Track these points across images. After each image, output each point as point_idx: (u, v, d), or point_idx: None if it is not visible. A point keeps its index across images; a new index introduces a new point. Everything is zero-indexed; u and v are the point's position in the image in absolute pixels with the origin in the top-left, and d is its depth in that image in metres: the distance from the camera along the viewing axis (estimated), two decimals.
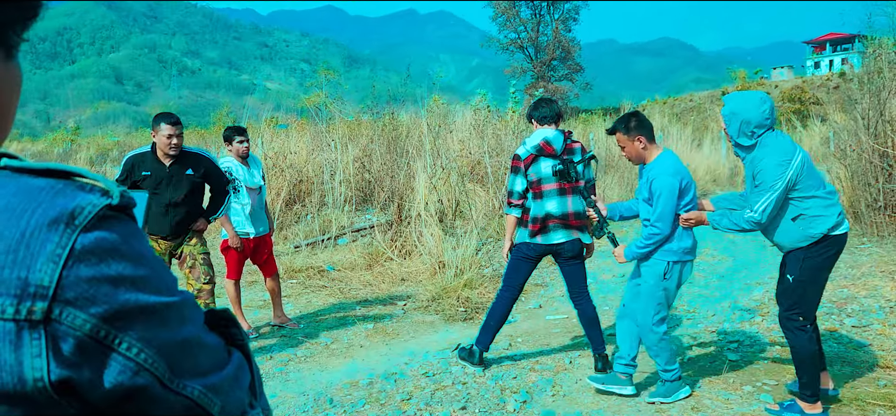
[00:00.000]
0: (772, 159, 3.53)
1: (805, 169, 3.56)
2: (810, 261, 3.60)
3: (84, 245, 0.61)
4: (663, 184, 3.78)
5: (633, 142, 3.90)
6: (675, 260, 3.87)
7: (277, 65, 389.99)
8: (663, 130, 19.55)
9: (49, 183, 0.63)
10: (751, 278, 7.06)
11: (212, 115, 46.37)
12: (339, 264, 8.24)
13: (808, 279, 3.62)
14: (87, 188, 0.64)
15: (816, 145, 23.35)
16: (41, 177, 0.64)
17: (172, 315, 0.67)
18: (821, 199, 3.58)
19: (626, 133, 3.92)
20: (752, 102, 3.61)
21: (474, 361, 4.66)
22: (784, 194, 3.54)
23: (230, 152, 5.51)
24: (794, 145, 3.60)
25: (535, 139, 4.49)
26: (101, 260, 0.62)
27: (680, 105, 48.32)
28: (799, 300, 3.67)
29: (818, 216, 3.57)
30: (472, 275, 6.98)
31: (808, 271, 3.61)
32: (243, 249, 5.49)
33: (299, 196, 11.66)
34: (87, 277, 0.61)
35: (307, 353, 5.20)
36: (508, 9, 57.82)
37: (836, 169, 9.63)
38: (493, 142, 11.85)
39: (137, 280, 0.64)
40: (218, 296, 6.78)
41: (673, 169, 3.80)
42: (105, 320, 0.62)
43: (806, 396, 3.69)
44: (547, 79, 56.95)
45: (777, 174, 3.50)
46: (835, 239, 3.61)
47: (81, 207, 0.62)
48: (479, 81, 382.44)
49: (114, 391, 0.63)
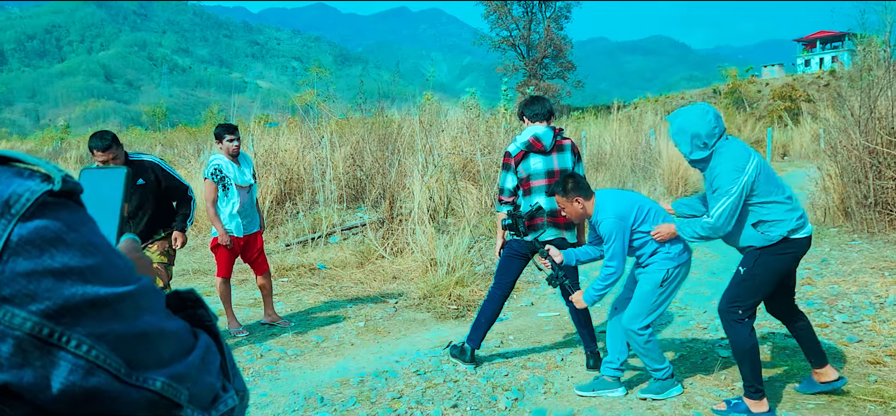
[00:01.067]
0: (726, 165, 3.55)
1: (762, 174, 3.57)
2: (766, 257, 3.60)
3: (21, 236, 0.57)
4: (609, 227, 3.84)
5: (572, 203, 3.96)
6: (675, 265, 3.88)
7: (269, 63, 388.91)
8: (655, 128, 19.58)
9: None
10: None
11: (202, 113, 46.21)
12: (330, 262, 8.21)
13: (759, 275, 3.61)
14: (25, 175, 0.60)
15: (807, 143, 23.49)
16: None
17: (127, 306, 0.62)
18: (780, 203, 3.58)
19: (564, 195, 3.97)
20: (696, 114, 3.64)
21: (466, 359, 4.64)
22: (740, 199, 3.53)
23: (220, 150, 5.47)
24: (749, 151, 3.63)
25: (526, 136, 4.48)
26: (41, 251, 0.57)
27: (671, 103, 48.45)
28: (744, 294, 3.66)
29: (778, 221, 3.57)
30: (464, 273, 6.95)
31: (762, 266, 3.60)
32: (232, 246, 5.45)
33: (290, 194, 11.61)
34: (25, 271, 0.56)
35: (298, 351, 5.17)
36: (500, 7, 57.83)
37: (826, 166, 9.66)
38: (485, 139, 11.84)
39: (86, 271, 0.59)
40: (207, 294, 6.74)
41: (613, 211, 3.85)
42: (49, 317, 0.57)
43: (751, 393, 3.69)
44: (539, 77, 56.99)
45: (732, 179, 3.51)
46: (795, 242, 3.60)
47: (18, 193, 0.58)
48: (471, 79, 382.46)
49: (66, 393, 0.58)
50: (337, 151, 12.03)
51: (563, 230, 4.46)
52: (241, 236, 5.52)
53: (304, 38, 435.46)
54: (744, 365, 3.68)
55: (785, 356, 4.63)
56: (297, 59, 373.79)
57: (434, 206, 9.52)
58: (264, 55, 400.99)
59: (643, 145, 17.02)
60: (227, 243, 5.39)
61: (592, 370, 4.50)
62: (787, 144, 25.40)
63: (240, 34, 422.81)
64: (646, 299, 3.93)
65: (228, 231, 5.44)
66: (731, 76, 46.05)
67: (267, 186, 11.00)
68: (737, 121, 29.73)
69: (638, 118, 24.40)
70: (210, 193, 5.36)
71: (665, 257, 3.88)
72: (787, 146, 25.23)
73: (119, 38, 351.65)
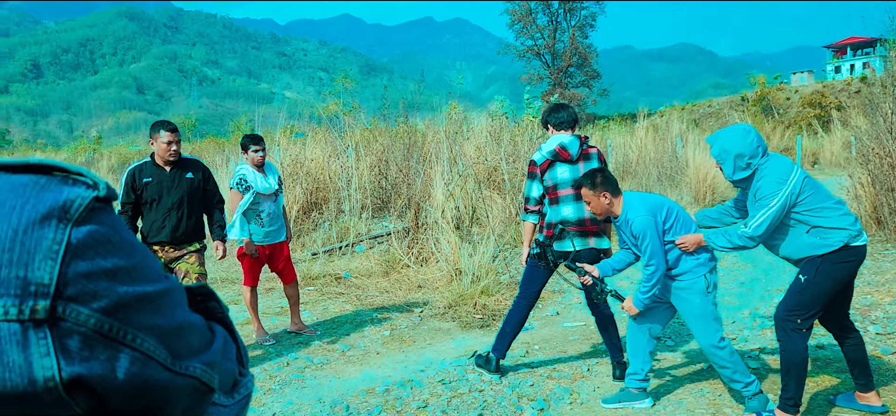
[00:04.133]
0: (771, 178, 3.54)
1: (806, 185, 3.55)
2: (828, 266, 3.55)
3: (79, 239, 0.60)
4: (641, 224, 3.77)
5: (599, 198, 3.89)
6: (709, 270, 3.82)
7: (296, 73, 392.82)
8: (681, 135, 19.40)
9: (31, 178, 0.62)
10: (771, 284, 6.96)
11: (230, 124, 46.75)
12: (355, 271, 8.25)
13: (820, 283, 3.56)
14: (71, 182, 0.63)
15: (838, 150, 23.10)
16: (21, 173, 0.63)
17: (165, 301, 0.66)
18: (832, 209, 3.56)
19: (592, 189, 3.90)
20: (738, 135, 3.63)
21: (491, 368, 4.63)
22: (782, 211, 3.51)
23: (246, 160, 5.54)
24: (793, 165, 3.63)
25: (551, 144, 4.47)
26: (96, 253, 0.61)
27: (698, 111, 48.00)
28: (804, 303, 3.60)
29: (834, 228, 3.54)
30: (489, 282, 6.95)
31: (824, 274, 3.55)
32: (257, 255, 5.51)
33: (316, 203, 11.70)
34: (85, 271, 0.60)
35: (324, 360, 5.20)
36: (525, 16, 57.89)
37: (858, 174, 9.49)
38: (509, 148, 11.83)
39: (131, 271, 0.63)
40: (234, 303, 6.81)
41: (643, 208, 3.79)
42: (108, 314, 0.61)
43: (788, 406, 3.62)
44: (564, 85, 56.87)
45: (775, 190, 3.50)
46: (855, 250, 3.56)
47: (71, 200, 0.61)
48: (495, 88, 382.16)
49: (128, 383, 0.63)
50: (362, 160, 12.11)
51: (591, 238, 4.43)
52: (266, 245, 5.58)
53: (330, 49, 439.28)
54: (790, 376, 3.61)
55: (813, 369, 4.55)
56: (324, 69, 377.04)
57: (459, 215, 9.53)
58: (291, 66, 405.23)
59: (670, 154, 16.89)
60: (253, 252, 5.45)
61: (618, 380, 4.46)
62: (817, 151, 25.02)
63: (267, 45, 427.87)
64: (703, 311, 3.81)
65: (254, 240, 5.50)
66: (759, 83, 45.44)
67: (293, 196, 11.10)
68: (766, 129, 29.30)
69: (664, 126, 24.22)
70: (236, 202, 5.43)
71: (698, 265, 3.80)
72: (817, 154, 24.84)
73: (150, 51, 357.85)
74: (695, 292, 3.81)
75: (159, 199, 4.86)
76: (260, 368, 5.04)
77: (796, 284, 3.66)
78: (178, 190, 4.88)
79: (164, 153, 4.85)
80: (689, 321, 3.88)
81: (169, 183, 4.87)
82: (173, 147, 4.86)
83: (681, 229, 3.82)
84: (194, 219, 4.99)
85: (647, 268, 3.80)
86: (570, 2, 57.72)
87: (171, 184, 4.87)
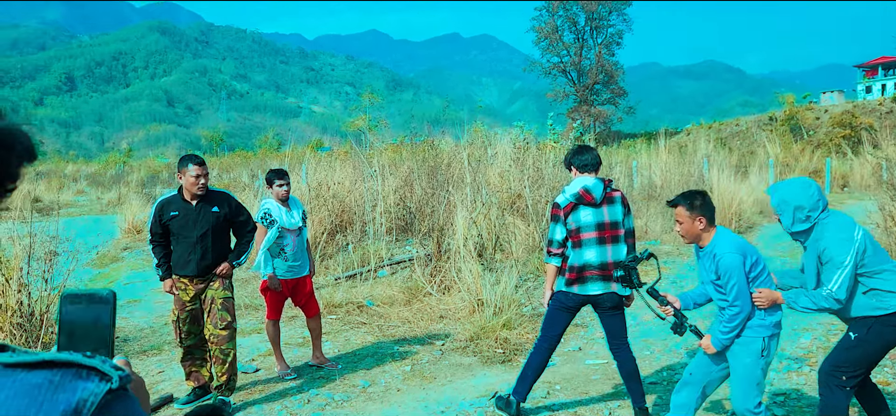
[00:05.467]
0: (835, 236, 3.52)
1: (868, 243, 3.54)
2: (881, 328, 3.52)
3: None
4: (729, 262, 3.60)
5: (693, 221, 3.73)
6: (771, 335, 3.67)
7: (323, 88, 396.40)
8: (708, 157, 19.21)
9: (46, 377, 0.63)
10: (798, 323, 6.84)
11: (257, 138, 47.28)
12: (378, 298, 8.27)
13: (872, 343, 3.54)
14: (84, 375, 0.65)
15: (868, 174, 22.68)
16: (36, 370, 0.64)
17: None
18: (891, 272, 3.53)
19: (689, 210, 3.74)
20: (799, 188, 3.63)
21: (511, 412, 4.60)
22: (855, 269, 3.50)
23: (271, 195, 5.60)
24: (854, 222, 3.61)
25: (575, 187, 4.46)
26: None
27: (726, 130, 47.48)
28: (852, 361, 3.57)
29: (891, 292, 3.51)
30: (511, 314, 6.92)
31: (876, 335, 3.53)
32: (281, 289, 5.55)
33: (341, 226, 11.76)
34: None
35: (344, 397, 5.21)
36: (551, 33, 57.92)
37: (889, 206, 9.31)
38: (533, 173, 11.80)
39: None
40: (256, 332, 6.87)
41: (733, 246, 3.65)
42: None
43: None
44: (589, 103, 56.72)
45: (845, 249, 3.48)
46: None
47: (83, 399, 0.63)
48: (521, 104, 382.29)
49: None
50: (388, 181, 12.16)
51: (613, 284, 4.39)
52: (290, 279, 5.62)
53: (357, 64, 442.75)
54: None
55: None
56: (350, 84, 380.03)
57: (482, 242, 9.52)
58: (318, 80, 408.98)
59: (696, 177, 16.71)
60: (276, 287, 5.50)
61: None
62: (846, 174, 24.59)
63: (296, 60, 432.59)
64: (750, 373, 3.66)
65: (277, 274, 5.55)
66: (787, 102, 44.85)
67: (319, 219, 11.17)
68: (794, 150, 28.91)
69: (690, 146, 23.98)
70: (260, 237, 5.48)
71: (760, 325, 3.64)
72: (846, 177, 24.41)
73: (181, 65, 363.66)
74: (749, 351, 3.66)
75: (184, 233, 4.89)
76: (281, 404, 5.06)
77: (846, 341, 3.63)
78: (203, 224, 4.91)
79: (191, 187, 4.86)
80: (733, 378, 3.75)
81: (194, 217, 4.89)
82: (201, 181, 4.86)
83: (762, 284, 3.67)
84: (219, 252, 5.01)
85: (732, 308, 3.63)
86: (596, 20, 57.61)
87: (196, 218, 4.89)
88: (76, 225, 14.89)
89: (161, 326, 7.36)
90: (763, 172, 20.84)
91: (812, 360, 5.58)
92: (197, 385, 5.17)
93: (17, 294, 5.65)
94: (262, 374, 5.83)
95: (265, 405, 5.09)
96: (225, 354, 4.92)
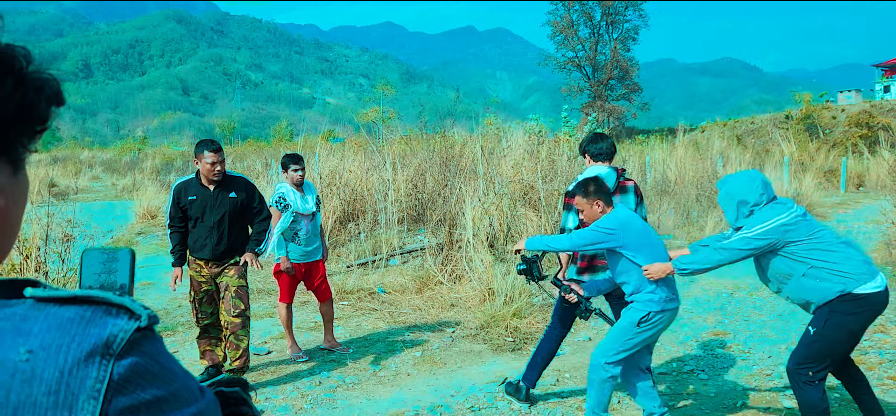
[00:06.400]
0: (766, 213, 3.54)
1: (803, 223, 3.50)
2: (838, 317, 3.46)
3: (120, 374, 0.63)
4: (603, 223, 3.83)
5: (592, 206, 3.93)
6: (658, 310, 3.78)
7: (337, 79, 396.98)
8: (722, 153, 19.10)
9: (78, 312, 0.65)
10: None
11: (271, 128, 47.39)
12: (389, 286, 8.32)
13: (829, 335, 3.49)
14: (114, 313, 0.66)
15: (885, 174, 22.46)
16: (68, 305, 0.65)
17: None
18: (832, 252, 3.48)
19: (585, 197, 3.94)
20: (743, 182, 3.62)
21: (521, 397, 4.64)
22: (764, 241, 3.48)
23: (286, 179, 5.65)
24: (791, 203, 3.60)
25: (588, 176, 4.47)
26: (136, 387, 0.64)
27: (741, 127, 47.11)
28: (814, 355, 3.54)
29: (834, 272, 3.45)
30: (522, 304, 6.94)
31: (834, 326, 3.48)
32: (294, 273, 5.61)
33: (353, 214, 11.82)
34: (126, 406, 0.63)
35: (355, 380, 5.27)
36: (567, 28, 57.64)
37: None
38: (546, 165, 11.79)
39: (169, 398, 0.67)
40: (269, 315, 6.94)
41: (606, 226, 3.81)
42: None
43: None
44: (604, 98, 56.46)
45: (766, 217, 3.50)
46: (864, 298, 3.44)
47: (114, 335, 0.64)
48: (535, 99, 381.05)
49: None
50: (399, 172, 12.20)
51: (584, 275, 4.43)
52: (303, 263, 5.67)
53: (371, 56, 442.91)
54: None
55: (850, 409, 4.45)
56: (365, 76, 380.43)
57: (493, 233, 9.54)
58: (333, 72, 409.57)
59: (710, 173, 16.63)
60: (289, 270, 5.55)
61: None
62: (862, 174, 24.37)
63: (310, 51, 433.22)
64: (621, 334, 3.85)
65: (291, 258, 5.60)
66: (804, 101, 44.42)
67: (331, 207, 11.23)
68: (810, 149, 28.67)
69: (705, 143, 23.83)
70: (275, 221, 5.53)
71: (649, 299, 3.79)
72: (862, 176, 24.21)
73: (197, 53, 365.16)
74: (630, 317, 3.83)
75: (202, 217, 4.94)
76: (292, 386, 5.12)
77: (806, 336, 3.60)
78: (220, 209, 4.95)
79: (208, 173, 4.90)
80: (609, 332, 3.94)
81: (212, 202, 4.93)
82: (217, 167, 4.90)
83: (652, 258, 3.79)
84: (235, 236, 5.06)
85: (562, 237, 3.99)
86: (612, 15, 57.28)
87: (213, 203, 4.94)
88: (92, 210, 15.06)
89: (174, 308, 7.44)
90: (778, 169, 20.70)
91: None
92: (210, 364, 5.23)
93: (34, 273, 5.75)
94: (274, 356, 5.89)
95: (277, 386, 5.15)
96: (239, 340, 4.98)
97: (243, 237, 5.12)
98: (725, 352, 5.82)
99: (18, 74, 0.68)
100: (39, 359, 0.61)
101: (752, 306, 7.35)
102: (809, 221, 3.56)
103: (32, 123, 0.71)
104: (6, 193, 0.71)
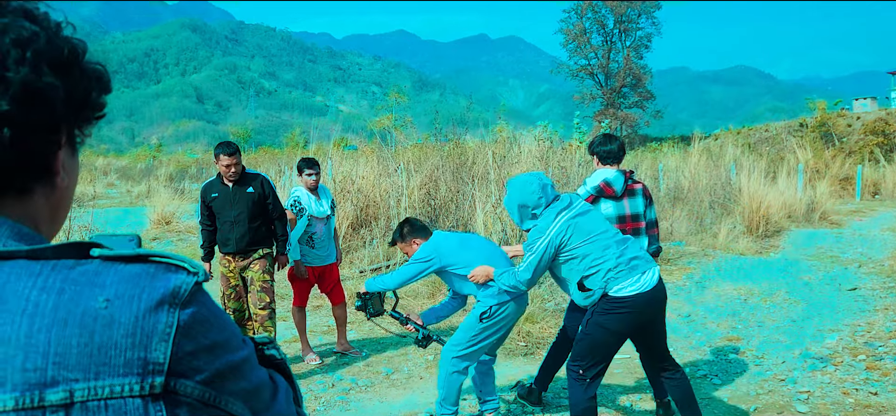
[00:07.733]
0: (540, 224, 3.56)
1: (574, 228, 3.50)
2: (598, 317, 3.51)
3: (185, 321, 0.71)
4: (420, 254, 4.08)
5: (411, 246, 4.20)
6: (497, 303, 3.93)
7: (350, 87, 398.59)
8: (736, 161, 19.01)
9: (143, 268, 0.72)
10: (824, 323, 6.79)
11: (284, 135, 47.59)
12: (402, 291, 8.35)
13: (592, 335, 3.53)
14: (173, 269, 0.73)
15: None
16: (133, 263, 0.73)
17: (247, 367, 0.78)
18: (590, 257, 3.48)
19: (403, 241, 4.23)
20: (520, 186, 3.65)
21: (532, 400, 4.66)
22: (548, 257, 3.51)
23: (300, 183, 5.71)
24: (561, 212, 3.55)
25: (596, 180, 4.50)
26: (198, 332, 0.72)
27: (755, 135, 46.83)
28: (582, 352, 3.58)
29: (587, 275, 3.48)
30: (534, 309, 6.96)
31: (594, 326, 3.52)
32: (307, 277, 5.66)
33: (366, 220, 11.87)
34: (191, 349, 0.71)
35: (368, 382, 5.30)
36: (580, 35, 57.64)
37: None
38: (557, 172, 11.81)
39: (224, 344, 0.75)
40: (282, 319, 6.99)
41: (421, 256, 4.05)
42: (208, 384, 0.72)
43: None
44: (617, 106, 56.37)
45: (536, 236, 3.53)
46: (623, 301, 3.44)
47: (178, 286, 0.72)
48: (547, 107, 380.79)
49: None
50: (412, 178, 12.25)
51: None
52: (317, 267, 5.72)
53: (384, 64, 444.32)
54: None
55: None
56: (378, 84, 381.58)
57: (506, 238, 9.56)
58: (346, 80, 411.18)
59: (723, 180, 16.58)
60: (303, 274, 5.61)
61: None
62: (878, 181, 24.19)
63: (324, 59, 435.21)
64: (467, 331, 4.01)
65: (305, 262, 5.66)
66: (819, 109, 44.10)
67: (344, 212, 11.29)
68: (825, 156, 28.45)
69: (718, 151, 23.74)
70: (290, 223, 5.60)
71: (488, 294, 3.95)
72: (878, 184, 24.03)
73: (211, 62, 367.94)
74: (475, 312, 4.00)
75: (224, 213, 5.21)
76: (305, 388, 5.16)
77: (578, 333, 3.66)
78: (239, 204, 5.20)
79: (224, 174, 5.21)
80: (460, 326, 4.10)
81: (231, 199, 5.20)
82: (232, 169, 5.17)
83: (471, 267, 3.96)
84: (257, 228, 5.27)
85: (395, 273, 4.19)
86: (625, 22, 57.23)
87: (233, 199, 5.20)
88: (107, 215, 15.21)
89: None
90: (792, 177, 20.56)
91: (838, 360, 5.54)
92: None
93: None
94: (287, 359, 5.93)
95: None
96: (267, 330, 5.22)
97: (265, 230, 5.34)
98: (739, 357, 5.81)
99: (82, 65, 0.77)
100: (115, 307, 0.69)
101: (766, 312, 7.33)
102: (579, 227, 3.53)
103: (93, 109, 0.80)
104: (70, 173, 0.80)
